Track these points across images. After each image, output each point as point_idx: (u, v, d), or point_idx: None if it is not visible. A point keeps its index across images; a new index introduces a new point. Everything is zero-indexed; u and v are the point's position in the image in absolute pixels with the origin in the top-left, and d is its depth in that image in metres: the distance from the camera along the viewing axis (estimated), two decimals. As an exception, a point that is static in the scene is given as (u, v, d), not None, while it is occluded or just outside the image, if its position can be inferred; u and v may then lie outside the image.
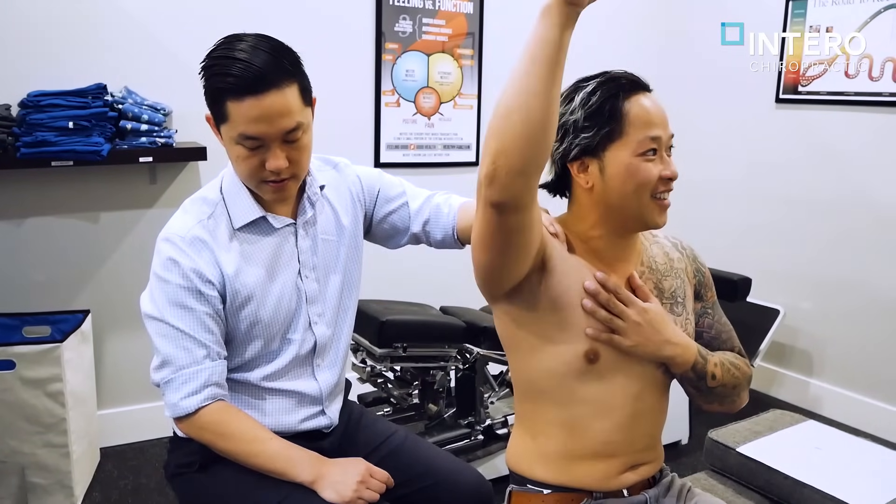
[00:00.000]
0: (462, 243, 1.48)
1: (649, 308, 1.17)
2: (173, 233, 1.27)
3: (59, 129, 2.24)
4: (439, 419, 2.34)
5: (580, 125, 1.14)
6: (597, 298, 1.14)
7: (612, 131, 1.12)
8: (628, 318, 1.15)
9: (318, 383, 1.39)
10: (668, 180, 1.13)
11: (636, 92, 1.14)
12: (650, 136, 1.12)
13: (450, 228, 1.48)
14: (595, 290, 1.14)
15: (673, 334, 1.18)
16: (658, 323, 1.17)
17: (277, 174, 1.23)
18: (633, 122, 1.11)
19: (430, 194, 1.53)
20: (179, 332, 1.24)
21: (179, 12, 2.57)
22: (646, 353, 1.17)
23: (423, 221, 1.49)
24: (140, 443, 2.69)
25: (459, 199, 1.51)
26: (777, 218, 3.26)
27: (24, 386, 2.13)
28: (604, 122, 1.12)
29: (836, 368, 3.12)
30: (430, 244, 1.53)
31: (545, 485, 1.21)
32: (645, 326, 1.15)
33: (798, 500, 1.55)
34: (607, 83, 1.14)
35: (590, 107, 1.13)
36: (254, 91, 1.16)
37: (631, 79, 1.15)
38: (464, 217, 1.46)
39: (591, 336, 1.14)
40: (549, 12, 0.90)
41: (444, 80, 3.10)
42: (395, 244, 1.56)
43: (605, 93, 1.13)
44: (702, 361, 1.21)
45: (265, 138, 1.20)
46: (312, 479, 1.25)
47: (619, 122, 1.12)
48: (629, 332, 1.15)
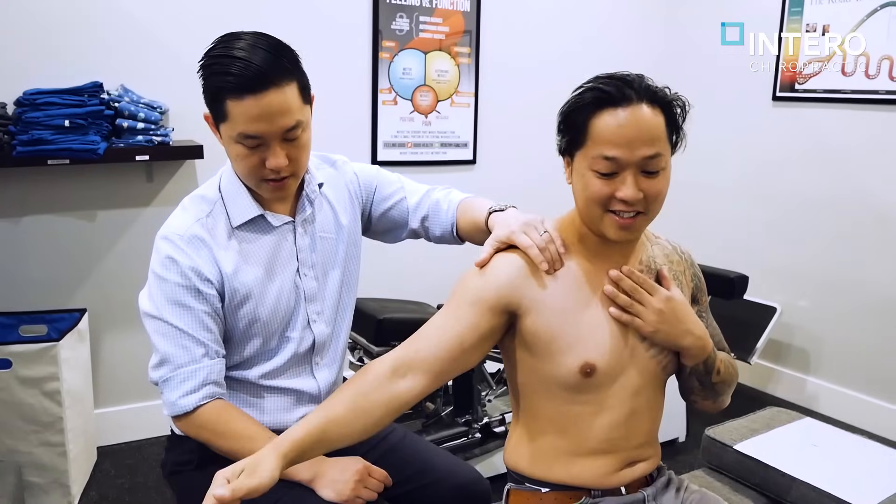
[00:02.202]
0: (462, 240, 1.48)
1: (672, 296, 1.18)
2: (172, 231, 1.27)
3: (56, 127, 2.23)
4: (437, 417, 2.35)
5: (559, 126, 1.16)
6: (620, 285, 1.16)
7: (574, 140, 1.13)
8: (650, 304, 1.16)
9: (316, 381, 1.39)
10: (623, 202, 1.10)
11: (615, 105, 1.08)
12: (604, 156, 1.09)
13: (449, 226, 1.47)
14: (618, 276, 1.16)
15: (694, 325, 1.19)
16: (680, 312, 1.18)
17: (277, 172, 1.23)
18: (594, 138, 1.10)
19: (429, 189, 1.53)
20: (178, 330, 1.24)
21: (176, 10, 2.56)
22: (666, 341, 1.18)
23: (422, 218, 1.49)
24: (137, 441, 2.68)
25: (459, 195, 1.51)
26: (774, 215, 3.27)
27: (20, 385, 2.12)
28: (567, 130, 1.14)
29: (832, 366, 3.13)
30: (428, 239, 1.53)
31: (543, 483, 1.21)
32: (667, 314, 1.16)
33: (795, 497, 1.55)
34: (590, 91, 1.12)
35: (562, 113, 1.15)
36: (253, 90, 1.15)
37: (616, 91, 1.09)
38: (464, 214, 1.45)
39: (613, 315, 1.16)
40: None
41: (441, 77, 3.10)
42: (393, 239, 1.56)
43: (579, 100, 1.12)
44: (713, 355, 1.23)
45: (265, 137, 1.19)
46: (310, 477, 1.25)
47: (582, 134, 1.11)
48: (650, 317, 1.16)
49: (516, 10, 3.24)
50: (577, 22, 3.39)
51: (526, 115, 3.29)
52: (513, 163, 3.32)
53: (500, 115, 3.27)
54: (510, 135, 3.30)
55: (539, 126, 3.30)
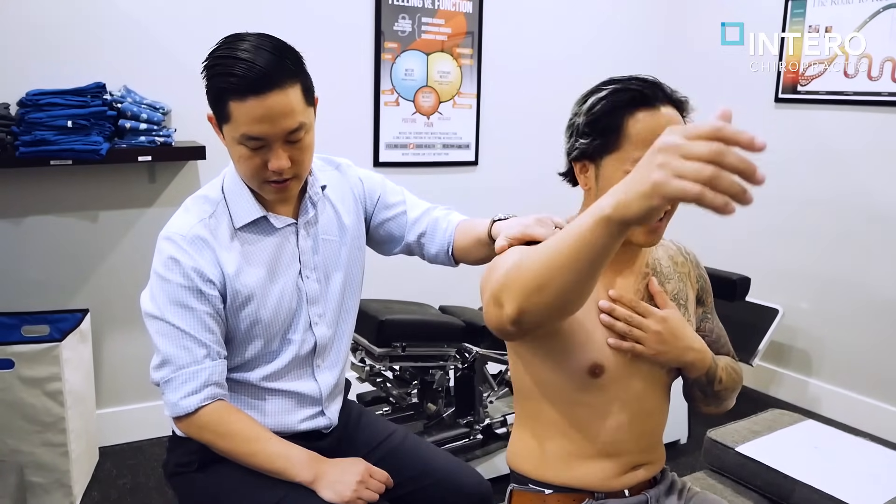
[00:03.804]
0: (456, 262, 1.47)
1: (668, 316, 1.17)
2: (174, 231, 1.27)
3: (58, 128, 2.23)
4: (438, 418, 2.34)
5: (581, 130, 1.14)
6: (613, 314, 1.15)
7: (607, 143, 1.11)
8: (648, 328, 1.15)
9: (317, 384, 1.39)
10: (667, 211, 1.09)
11: (645, 107, 1.09)
12: None
13: (445, 245, 1.45)
14: (609, 307, 1.15)
15: (693, 340, 1.19)
16: (678, 330, 1.17)
17: (280, 174, 1.23)
18: (632, 139, 1.08)
19: (430, 207, 1.51)
20: (180, 331, 1.24)
21: (178, 11, 2.56)
22: (668, 361, 1.18)
23: (420, 233, 1.48)
24: (139, 442, 2.69)
25: (459, 217, 1.49)
26: (776, 218, 3.26)
27: (22, 385, 2.12)
28: (599, 134, 1.11)
29: (834, 368, 3.12)
30: (422, 257, 1.51)
31: (547, 485, 1.21)
32: (665, 335, 1.16)
33: (797, 499, 1.55)
34: (617, 94, 1.11)
35: (592, 115, 1.12)
36: (256, 91, 1.15)
37: (644, 91, 1.09)
38: (461, 236, 1.43)
39: (612, 346, 1.14)
40: (606, 223, 0.79)
41: (443, 79, 3.10)
42: (387, 251, 1.55)
43: (609, 105, 1.10)
44: (714, 366, 1.22)
45: (268, 138, 1.19)
46: (312, 478, 1.25)
47: (617, 136, 1.10)
48: (650, 341, 1.15)
49: (518, 11, 3.24)
50: (578, 23, 3.39)
51: (528, 117, 3.29)
52: (515, 164, 3.31)
53: (502, 116, 3.27)
54: (512, 136, 3.30)
55: (541, 127, 3.32)
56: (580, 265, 0.85)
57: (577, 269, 0.85)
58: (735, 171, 0.67)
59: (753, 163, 0.68)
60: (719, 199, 0.68)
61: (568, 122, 1.18)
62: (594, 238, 0.81)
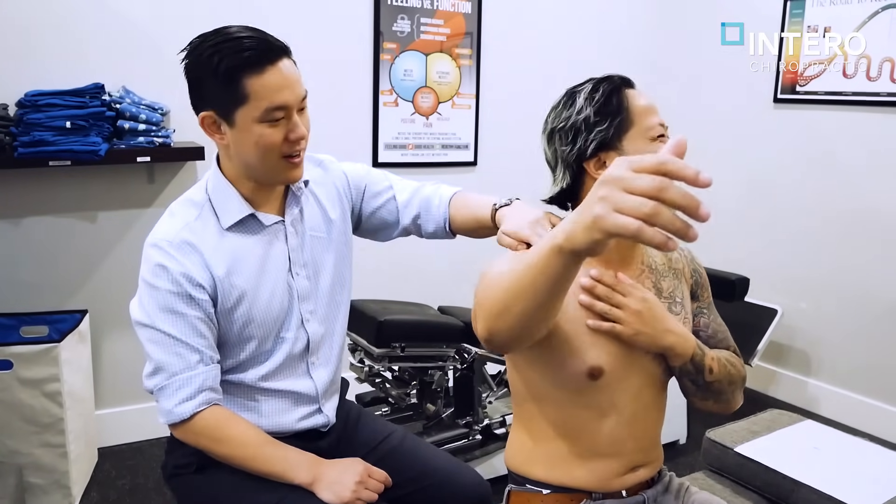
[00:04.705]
0: (454, 234, 1.48)
1: (648, 297, 1.17)
2: (161, 237, 1.25)
3: (57, 128, 2.23)
4: (437, 419, 2.34)
5: (591, 121, 1.15)
6: (593, 292, 1.14)
7: (623, 121, 1.15)
8: (627, 307, 1.14)
9: (313, 381, 1.38)
10: None
11: (628, 87, 1.18)
12: (659, 123, 1.17)
13: (441, 222, 1.47)
14: (591, 285, 1.14)
15: (673, 324, 1.18)
16: (658, 311, 1.17)
17: (299, 144, 1.24)
18: (638, 112, 1.15)
19: (418, 186, 1.52)
20: (171, 338, 1.23)
21: (177, 12, 2.56)
22: (647, 343, 1.16)
23: (414, 216, 1.48)
24: (138, 443, 2.68)
25: (450, 190, 1.50)
26: (775, 218, 3.26)
27: (21, 386, 2.12)
28: (615, 113, 1.15)
29: (833, 368, 3.12)
30: (421, 236, 1.53)
31: (544, 485, 1.21)
32: (646, 314, 1.15)
33: (796, 499, 1.55)
34: (604, 81, 1.18)
35: (597, 102, 1.16)
36: (272, 59, 1.18)
37: (620, 76, 1.19)
38: (457, 211, 1.45)
39: (591, 327, 1.14)
40: (559, 252, 0.78)
41: (442, 79, 3.10)
42: (385, 237, 1.56)
43: (607, 87, 1.17)
44: (700, 353, 1.21)
45: (290, 106, 1.21)
46: (310, 480, 1.25)
47: (628, 113, 1.15)
48: (629, 320, 1.14)
49: (517, 11, 3.23)
50: (577, 23, 3.39)
51: (527, 117, 3.26)
52: (514, 164, 3.30)
53: (502, 116, 3.26)
54: (511, 136, 3.30)
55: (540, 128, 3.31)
56: (537, 292, 0.85)
57: (534, 296, 0.86)
58: (677, 206, 0.66)
59: (697, 198, 0.66)
60: (658, 236, 0.66)
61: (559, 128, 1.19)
62: (549, 266, 0.81)
